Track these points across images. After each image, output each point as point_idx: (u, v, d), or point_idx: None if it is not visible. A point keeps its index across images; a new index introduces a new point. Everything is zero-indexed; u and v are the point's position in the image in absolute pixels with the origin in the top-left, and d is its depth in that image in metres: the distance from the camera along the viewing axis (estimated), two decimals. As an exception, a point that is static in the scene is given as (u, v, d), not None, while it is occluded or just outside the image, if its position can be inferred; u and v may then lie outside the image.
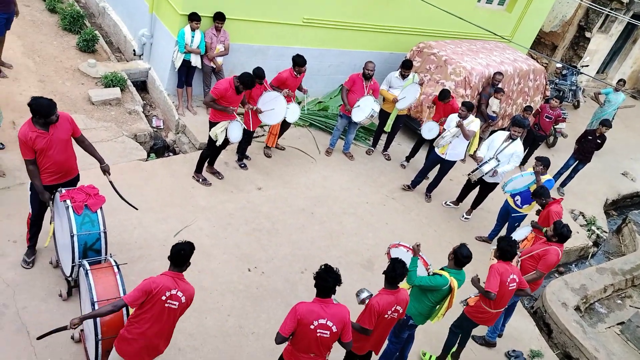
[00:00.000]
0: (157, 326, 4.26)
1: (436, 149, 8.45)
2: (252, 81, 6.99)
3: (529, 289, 5.94)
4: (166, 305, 4.18)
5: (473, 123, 8.20)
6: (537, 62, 12.63)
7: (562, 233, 6.12)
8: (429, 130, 8.77)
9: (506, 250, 5.54)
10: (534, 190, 7.25)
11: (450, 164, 8.53)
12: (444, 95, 8.64)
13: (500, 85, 9.75)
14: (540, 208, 7.18)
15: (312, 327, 4.27)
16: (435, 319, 5.29)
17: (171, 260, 4.28)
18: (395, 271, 4.67)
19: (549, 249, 6.12)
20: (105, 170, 5.54)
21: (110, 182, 5.56)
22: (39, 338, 4.47)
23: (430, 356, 6.22)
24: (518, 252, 6.33)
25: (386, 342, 5.39)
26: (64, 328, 4.33)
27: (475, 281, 5.62)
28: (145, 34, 9.24)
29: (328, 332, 4.33)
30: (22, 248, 5.74)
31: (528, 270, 6.18)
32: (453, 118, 8.32)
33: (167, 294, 4.16)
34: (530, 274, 6.11)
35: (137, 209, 5.98)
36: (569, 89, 13.69)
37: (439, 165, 8.65)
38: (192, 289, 4.35)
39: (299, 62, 7.85)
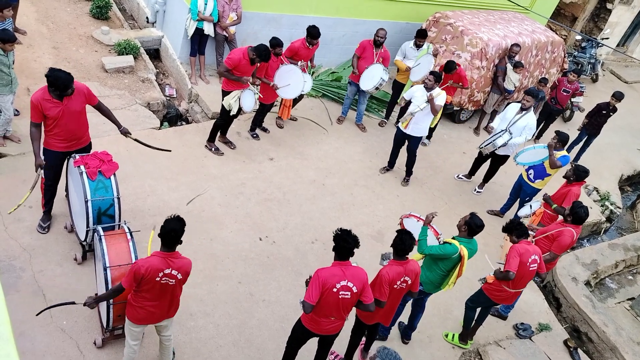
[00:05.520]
0: (159, 301, 4.32)
1: (400, 125, 7.94)
2: (268, 54, 6.92)
3: (545, 273, 5.87)
4: (162, 282, 4.17)
5: (440, 96, 7.55)
6: (556, 33, 12.33)
7: (577, 214, 5.98)
8: None
9: (512, 228, 5.53)
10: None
11: (417, 140, 7.95)
12: (450, 67, 8.27)
13: (517, 58, 9.56)
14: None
15: (334, 290, 4.35)
16: (446, 287, 5.33)
17: (161, 239, 4.11)
18: (404, 243, 4.68)
19: (563, 230, 6.02)
20: (126, 133, 5.60)
21: (136, 139, 5.61)
22: (39, 313, 4.55)
23: (453, 335, 6.24)
24: (532, 232, 6.26)
25: None
26: (72, 303, 4.46)
27: (498, 272, 5.56)
28: (159, 1, 9.17)
29: (349, 293, 4.40)
30: (38, 213, 5.85)
31: (542, 251, 6.02)
32: (416, 89, 7.73)
33: (160, 274, 4.12)
34: (543, 255, 5.96)
35: (170, 151, 6.53)
36: (587, 61, 13.38)
37: (406, 143, 8.08)
38: (187, 264, 4.28)
39: (312, 33, 7.71)
